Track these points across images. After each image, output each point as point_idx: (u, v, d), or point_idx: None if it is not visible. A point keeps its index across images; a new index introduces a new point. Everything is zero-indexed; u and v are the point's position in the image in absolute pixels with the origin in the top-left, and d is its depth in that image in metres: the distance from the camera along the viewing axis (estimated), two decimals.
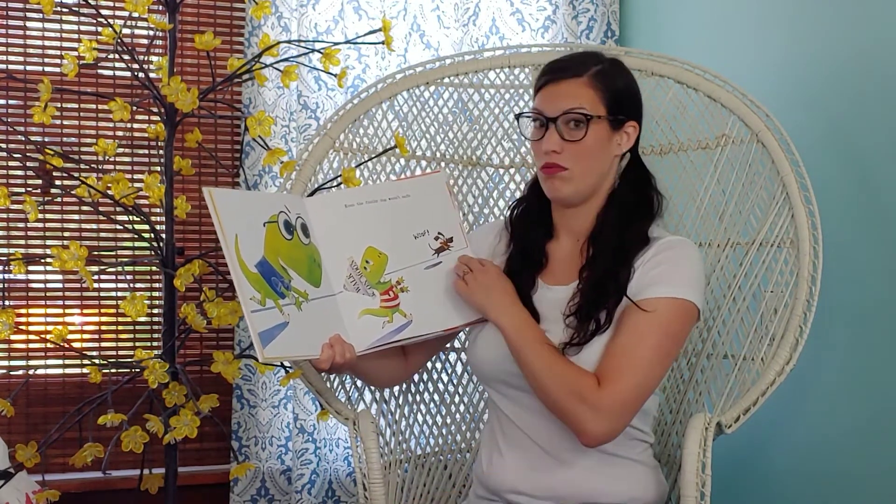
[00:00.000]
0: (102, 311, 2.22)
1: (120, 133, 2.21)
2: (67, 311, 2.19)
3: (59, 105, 2.16)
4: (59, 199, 2.10)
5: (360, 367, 1.57)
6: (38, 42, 2.18)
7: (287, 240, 1.48)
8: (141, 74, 1.64)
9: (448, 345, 1.84)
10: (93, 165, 1.81)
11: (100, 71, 2.18)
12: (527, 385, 1.51)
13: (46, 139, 2.16)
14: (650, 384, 1.46)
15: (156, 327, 2.24)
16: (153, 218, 1.72)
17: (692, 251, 1.53)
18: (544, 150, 1.52)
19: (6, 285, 2.11)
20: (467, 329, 1.66)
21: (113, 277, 2.21)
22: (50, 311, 2.18)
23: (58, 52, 2.18)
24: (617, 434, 1.44)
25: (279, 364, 1.74)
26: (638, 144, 1.60)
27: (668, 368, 1.51)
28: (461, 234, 1.62)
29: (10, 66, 2.15)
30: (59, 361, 2.19)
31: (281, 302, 1.42)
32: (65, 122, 2.19)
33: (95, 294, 2.20)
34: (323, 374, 1.66)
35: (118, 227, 2.08)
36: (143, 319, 2.21)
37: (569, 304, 1.51)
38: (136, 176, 2.19)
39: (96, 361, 1.64)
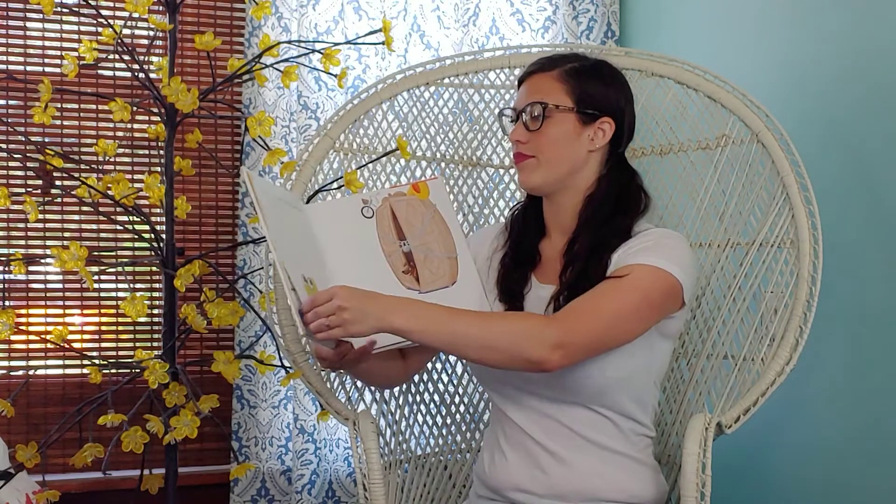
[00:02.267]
0: (102, 311, 2.22)
1: (120, 133, 2.21)
2: (67, 311, 2.19)
3: (59, 105, 2.16)
4: (59, 200, 2.10)
5: (360, 367, 1.57)
6: (39, 42, 2.18)
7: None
8: (141, 75, 1.65)
9: None
10: (93, 166, 1.81)
11: (100, 71, 2.18)
12: (526, 385, 1.51)
13: (46, 139, 2.16)
14: (610, 335, 1.42)
15: (156, 327, 2.24)
16: (153, 218, 1.72)
17: (678, 238, 1.53)
18: (512, 141, 1.57)
19: (6, 285, 2.11)
20: None
21: (113, 278, 2.21)
22: (50, 311, 2.18)
23: (58, 53, 2.18)
24: (571, 362, 1.40)
25: (279, 365, 1.74)
26: (621, 144, 1.58)
27: (639, 332, 1.44)
28: (461, 238, 1.63)
29: (10, 67, 2.15)
30: (60, 362, 2.19)
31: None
32: (65, 123, 2.19)
33: (95, 294, 2.20)
34: (324, 372, 1.67)
35: (118, 227, 2.08)
36: (143, 320, 2.21)
37: (545, 309, 1.50)
38: (136, 176, 2.19)
39: (96, 362, 1.65)
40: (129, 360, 1.76)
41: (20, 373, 2.11)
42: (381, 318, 1.34)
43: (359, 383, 1.77)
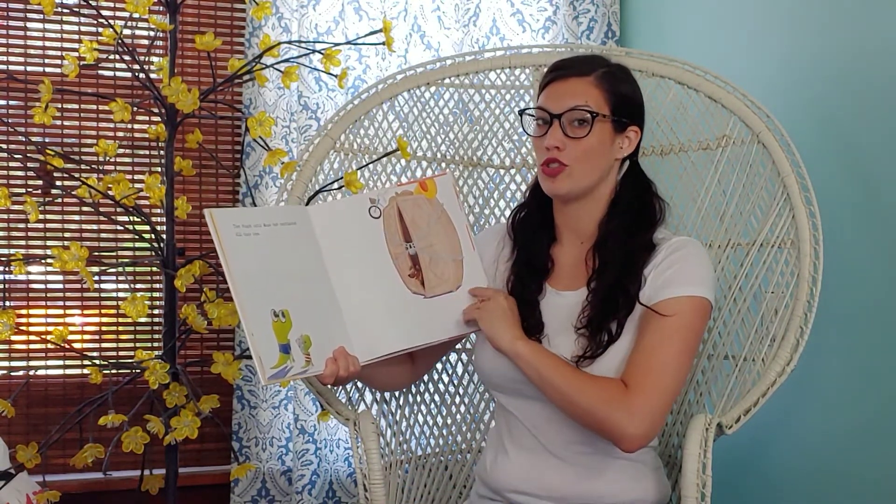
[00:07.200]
0: (103, 311, 2.22)
1: (120, 134, 2.21)
2: (68, 311, 2.19)
3: (59, 106, 2.16)
4: (59, 200, 2.10)
5: (366, 375, 1.56)
6: (39, 43, 2.18)
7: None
8: (141, 75, 1.65)
9: None
10: (93, 166, 1.81)
11: (100, 72, 2.18)
12: (536, 392, 1.50)
13: (47, 140, 2.16)
14: (678, 384, 1.45)
15: (156, 328, 2.24)
16: (154, 218, 1.72)
17: (699, 249, 1.53)
18: (546, 146, 1.51)
19: (7, 286, 2.11)
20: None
21: (113, 278, 2.21)
22: (50, 311, 2.18)
23: (58, 53, 2.18)
24: (653, 436, 1.44)
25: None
26: (638, 152, 1.59)
27: (692, 365, 1.51)
28: (468, 238, 1.62)
29: (11, 67, 2.15)
30: (60, 362, 2.19)
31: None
32: (65, 123, 2.19)
33: (96, 295, 2.20)
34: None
35: (119, 227, 2.08)
36: (143, 320, 2.21)
37: (579, 316, 1.50)
38: (136, 177, 2.19)
39: (97, 362, 1.65)
40: (130, 361, 1.76)
41: (21, 373, 2.11)
42: (503, 337, 1.49)
43: (359, 383, 1.77)
